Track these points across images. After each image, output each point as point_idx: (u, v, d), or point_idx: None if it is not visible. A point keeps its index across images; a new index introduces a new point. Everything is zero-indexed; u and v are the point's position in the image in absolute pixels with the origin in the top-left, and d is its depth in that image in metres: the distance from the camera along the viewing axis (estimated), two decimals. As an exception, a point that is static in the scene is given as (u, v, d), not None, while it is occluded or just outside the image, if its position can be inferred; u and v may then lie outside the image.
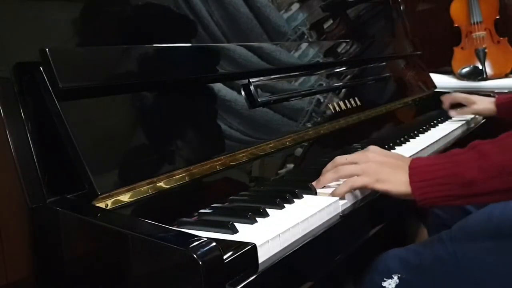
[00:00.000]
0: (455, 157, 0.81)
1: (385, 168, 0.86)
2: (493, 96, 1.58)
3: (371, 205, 0.94)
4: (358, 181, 0.86)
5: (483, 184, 0.78)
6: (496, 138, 0.81)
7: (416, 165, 0.83)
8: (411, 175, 0.82)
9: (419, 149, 1.19)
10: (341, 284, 1.13)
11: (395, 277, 0.94)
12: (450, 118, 1.60)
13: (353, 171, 0.88)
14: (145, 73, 0.86)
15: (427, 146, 1.23)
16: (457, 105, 1.62)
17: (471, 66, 2.31)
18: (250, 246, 0.65)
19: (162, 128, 0.85)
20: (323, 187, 0.91)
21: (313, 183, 0.91)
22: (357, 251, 0.92)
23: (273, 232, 0.70)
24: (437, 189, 0.80)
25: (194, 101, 0.91)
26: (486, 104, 1.54)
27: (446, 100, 1.64)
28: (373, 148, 0.93)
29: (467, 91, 1.97)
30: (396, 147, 1.21)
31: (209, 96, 0.95)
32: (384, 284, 0.95)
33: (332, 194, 0.86)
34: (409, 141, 1.29)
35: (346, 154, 1.05)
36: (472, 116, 1.60)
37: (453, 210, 1.26)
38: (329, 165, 0.92)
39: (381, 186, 0.85)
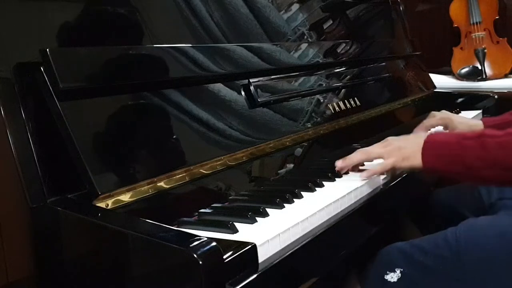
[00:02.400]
0: (463, 141, 0.89)
1: (407, 147, 0.97)
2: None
3: (369, 206, 0.94)
4: (388, 163, 0.97)
5: (479, 172, 0.87)
6: (503, 132, 0.88)
7: (430, 140, 0.94)
8: (424, 148, 0.93)
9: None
10: (344, 276, 1.13)
11: (398, 271, 0.95)
12: None
13: (379, 153, 0.99)
14: (145, 73, 0.87)
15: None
16: None
17: (471, 66, 2.31)
18: (250, 246, 0.65)
19: (162, 128, 0.85)
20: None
21: (338, 162, 1.00)
22: (357, 249, 0.93)
23: (273, 231, 0.70)
24: (442, 164, 0.91)
25: (194, 101, 0.91)
26: (470, 128, 1.25)
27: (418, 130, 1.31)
28: (391, 137, 1.04)
29: (466, 91, 1.98)
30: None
31: (209, 96, 0.96)
32: (386, 277, 0.95)
33: (367, 173, 0.97)
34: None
35: (346, 154, 1.06)
36: None
37: (450, 214, 1.27)
38: (354, 153, 1.02)
39: (407, 163, 0.96)
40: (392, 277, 0.95)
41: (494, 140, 0.87)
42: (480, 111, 1.71)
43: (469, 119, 1.36)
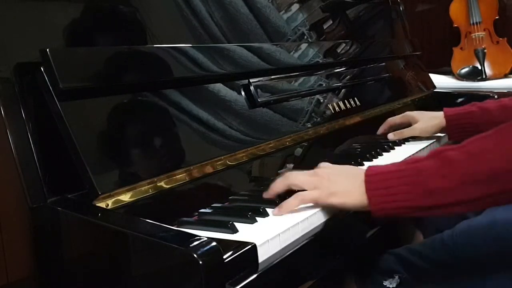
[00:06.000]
0: (417, 164, 0.74)
1: (339, 180, 0.78)
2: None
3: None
4: (309, 195, 0.78)
5: (445, 194, 0.72)
6: (461, 144, 0.75)
7: (373, 172, 0.76)
8: (367, 182, 0.75)
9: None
10: (343, 282, 1.13)
11: (396, 277, 0.95)
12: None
13: (303, 180, 0.80)
14: (145, 73, 0.87)
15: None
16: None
17: (471, 66, 2.32)
18: (250, 246, 0.65)
19: (163, 128, 0.85)
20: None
21: (263, 194, 0.83)
22: (357, 251, 0.93)
23: (273, 231, 0.70)
24: (396, 198, 0.73)
25: (194, 101, 0.91)
26: (431, 121, 1.28)
27: (382, 128, 1.36)
28: (323, 163, 0.85)
29: (466, 91, 1.98)
30: (365, 162, 1.06)
31: (209, 96, 0.96)
32: (385, 283, 0.95)
33: (279, 208, 0.77)
34: (381, 155, 1.14)
35: (345, 154, 1.06)
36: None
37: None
38: (279, 178, 0.83)
39: (336, 200, 0.77)
40: (391, 283, 0.95)
41: (459, 151, 0.72)
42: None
43: (429, 112, 1.30)
